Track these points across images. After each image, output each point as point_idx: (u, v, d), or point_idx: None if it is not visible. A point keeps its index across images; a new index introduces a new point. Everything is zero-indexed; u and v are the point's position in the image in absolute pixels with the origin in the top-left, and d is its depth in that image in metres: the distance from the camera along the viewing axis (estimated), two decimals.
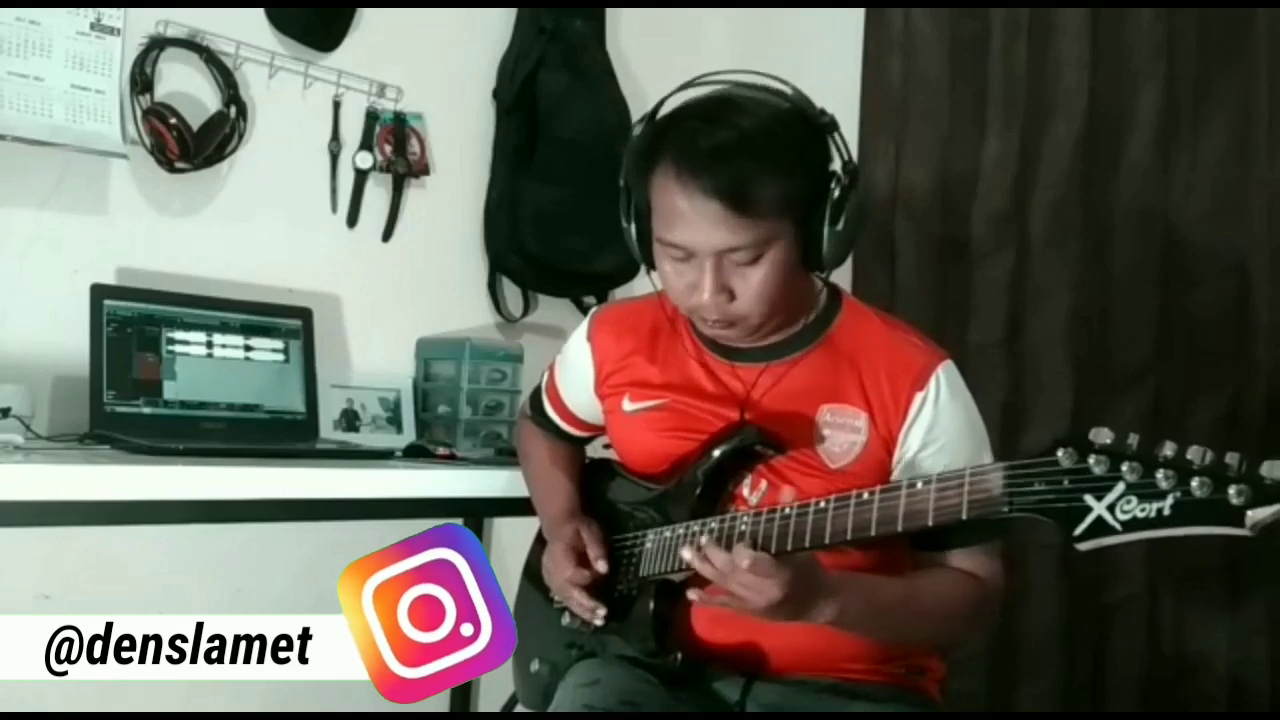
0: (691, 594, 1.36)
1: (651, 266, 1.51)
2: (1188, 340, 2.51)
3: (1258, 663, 2.46)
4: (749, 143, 1.35)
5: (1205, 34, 2.51)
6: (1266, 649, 2.45)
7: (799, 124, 1.40)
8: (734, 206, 1.34)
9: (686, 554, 1.32)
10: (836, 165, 1.42)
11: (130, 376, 1.95)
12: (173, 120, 2.06)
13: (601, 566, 1.51)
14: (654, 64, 2.65)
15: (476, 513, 2.38)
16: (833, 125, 1.41)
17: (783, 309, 1.46)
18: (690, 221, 1.37)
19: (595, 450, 1.77)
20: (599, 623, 1.51)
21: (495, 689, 2.50)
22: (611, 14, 2.65)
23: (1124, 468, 1.07)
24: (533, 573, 1.72)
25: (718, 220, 1.35)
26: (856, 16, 2.81)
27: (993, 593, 1.46)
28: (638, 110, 2.59)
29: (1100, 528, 1.08)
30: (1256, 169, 2.48)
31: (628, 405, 1.60)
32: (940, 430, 1.45)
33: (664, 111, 1.45)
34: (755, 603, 1.27)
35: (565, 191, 2.51)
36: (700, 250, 1.38)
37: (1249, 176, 2.48)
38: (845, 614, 1.32)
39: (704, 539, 1.34)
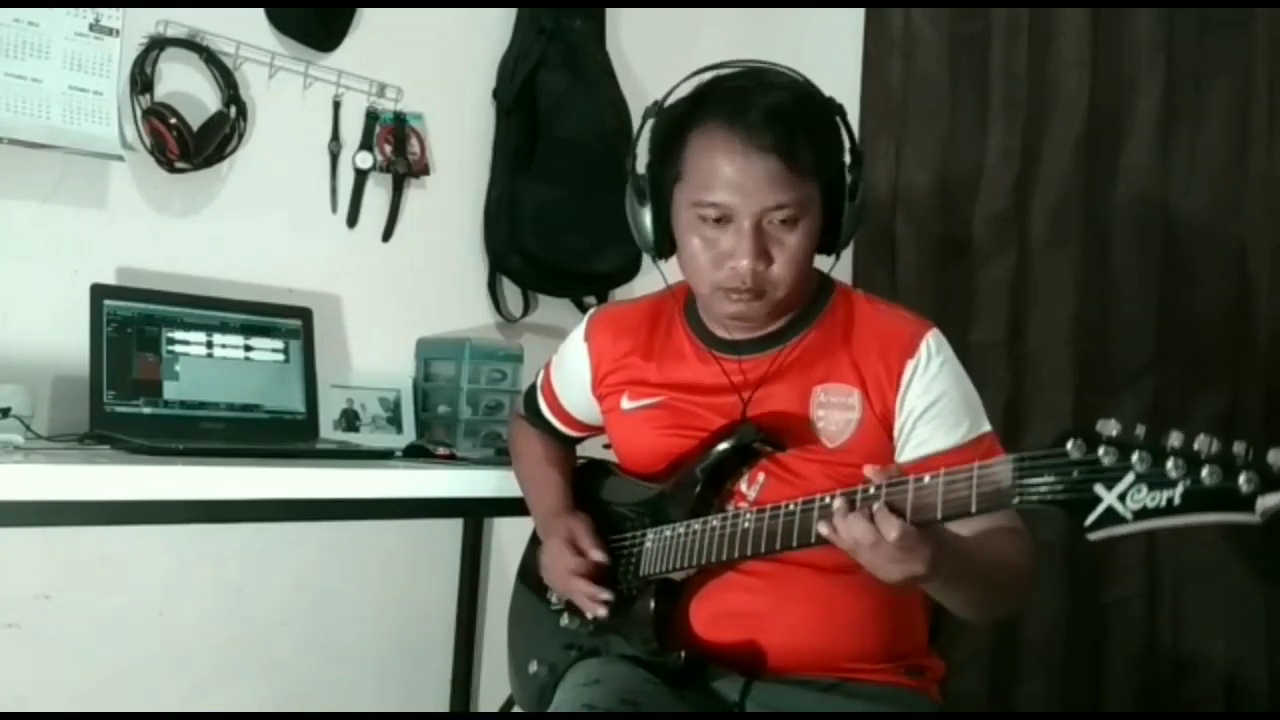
0: (822, 527, 1.26)
1: (661, 255, 1.52)
2: (1188, 339, 2.51)
3: (1256, 663, 2.45)
4: (799, 104, 1.42)
5: (1205, 34, 2.51)
6: (1265, 649, 2.45)
7: (821, 99, 1.48)
8: (788, 162, 1.38)
9: (824, 530, 1.26)
10: (847, 147, 1.49)
11: (130, 376, 1.95)
12: (173, 120, 2.06)
13: (596, 555, 1.51)
14: (654, 64, 2.65)
15: (476, 513, 2.39)
16: (842, 109, 1.49)
17: (801, 285, 1.48)
18: (739, 179, 1.39)
19: (595, 451, 1.77)
20: (602, 612, 1.50)
21: (494, 689, 2.51)
22: (611, 14, 2.65)
23: (1134, 458, 1.07)
24: (528, 574, 1.72)
25: (770, 176, 1.39)
26: (856, 16, 2.81)
27: (1032, 545, 1.45)
28: (638, 110, 2.58)
29: (1111, 517, 1.08)
30: (1256, 168, 2.47)
31: (626, 404, 1.60)
32: (935, 393, 1.46)
33: (685, 91, 1.48)
34: (890, 575, 1.23)
35: (565, 191, 2.51)
36: (744, 210, 1.40)
37: (1248, 175, 2.48)
38: (952, 576, 1.29)
39: (839, 503, 1.25)
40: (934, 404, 1.46)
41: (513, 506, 1.81)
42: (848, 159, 1.48)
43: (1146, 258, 2.54)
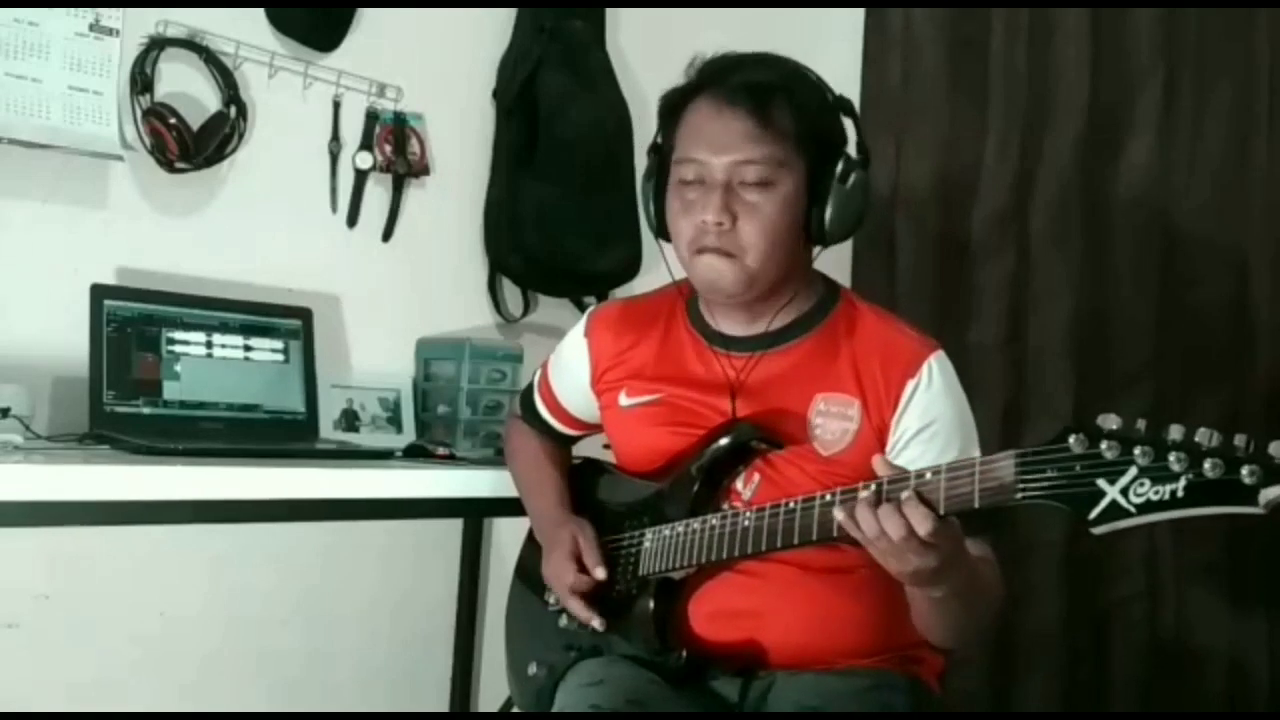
0: (839, 513, 1.27)
1: (662, 234, 1.55)
2: (1188, 339, 2.51)
3: (1258, 662, 2.45)
4: (783, 80, 1.49)
5: (1205, 34, 2.51)
6: (1266, 648, 2.45)
7: (823, 88, 1.52)
8: (761, 120, 1.43)
9: (840, 516, 1.26)
10: (851, 144, 1.51)
11: (130, 376, 1.95)
12: (173, 120, 2.06)
13: (600, 574, 1.51)
14: (654, 64, 2.64)
15: (475, 513, 2.39)
16: (850, 107, 1.53)
17: (776, 261, 1.48)
18: (712, 135, 1.45)
19: (595, 450, 1.77)
20: (598, 627, 1.51)
21: (494, 689, 2.51)
22: (611, 14, 2.65)
23: (1136, 451, 1.07)
24: (524, 575, 1.72)
25: (743, 132, 1.44)
26: (856, 16, 2.82)
27: (1001, 578, 1.46)
28: (638, 110, 2.60)
29: (1114, 511, 1.09)
30: (1256, 167, 2.47)
31: (624, 400, 1.61)
32: (931, 416, 1.46)
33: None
34: (905, 565, 1.23)
35: (565, 192, 2.51)
36: (715, 165, 1.45)
37: (1249, 175, 2.48)
38: (955, 589, 1.30)
39: (863, 493, 1.25)
40: (928, 426, 1.46)
41: (512, 506, 1.81)
42: (852, 152, 1.50)
43: (1146, 257, 2.54)
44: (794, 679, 1.47)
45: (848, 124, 1.54)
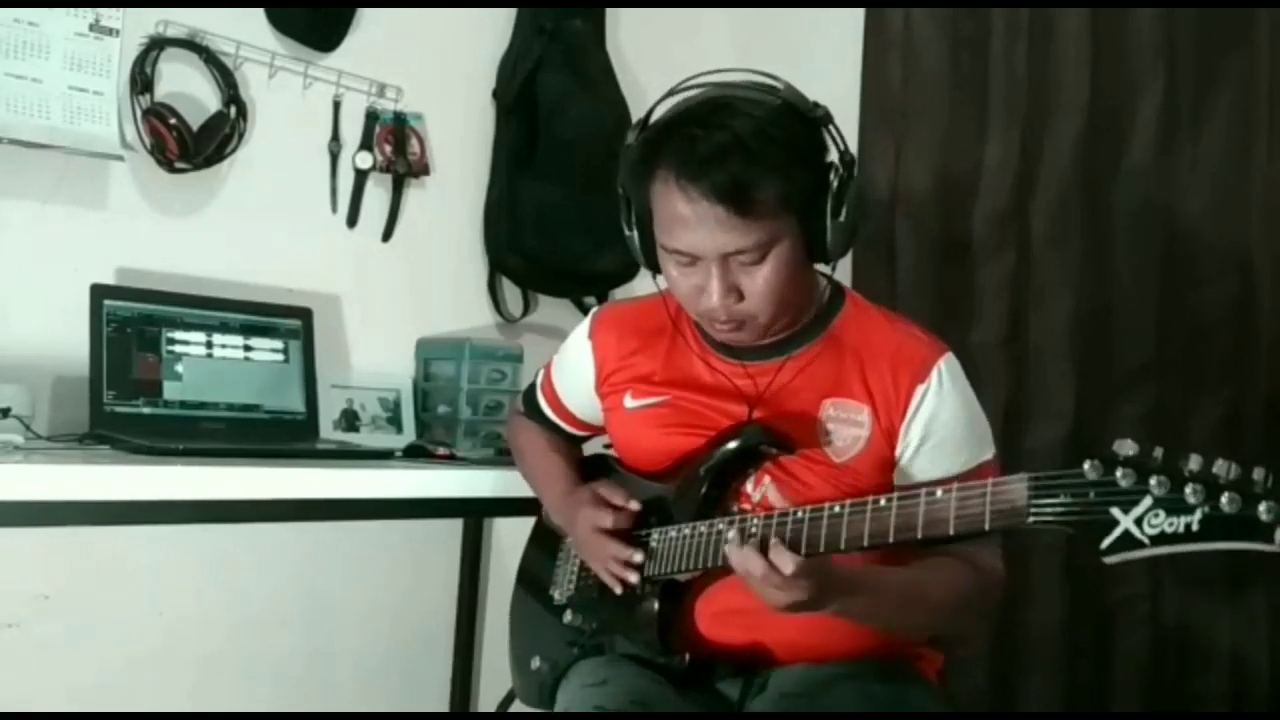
0: (730, 551, 1.31)
1: (656, 270, 1.51)
2: (1189, 340, 2.50)
3: (1259, 662, 2.45)
4: (746, 145, 1.35)
5: (1205, 34, 2.51)
6: (1268, 649, 2.45)
7: (793, 120, 1.40)
8: (736, 210, 1.35)
9: (733, 556, 1.30)
10: (834, 156, 1.42)
11: (130, 376, 1.95)
12: (172, 120, 2.06)
13: (635, 505, 1.51)
14: (654, 64, 2.65)
15: (476, 513, 2.39)
16: (826, 118, 1.42)
17: (791, 305, 1.47)
18: (693, 227, 1.37)
19: (596, 449, 1.76)
20: (634, 579, 1.49)
21: (494, 689, 2.51)
22: (611, 14, 2.65)
23: (1151, 481, 1.06)
24: (528, 573, 1.72)
25: (721, 224, 1.35)
26: (856, 16, 2.81)
27: (996, 582, 1.46)
28: (638, 110, 2.57)
29: (1127, 541, 1.07)
30: (1258, 168, 2.47)
31: (629, 402, 1.60)
32: (941, 422, 1.46)
33: (657, 117, 1.45)
34: (778, 601, 1.27)
35: (565, 192, 2.51)
36: (705, 254, 1.39)
37: (1250, 175, 2.47)
38: (853, 609, 1.34)
39: (732, 534, 1.34)
40: (938, 432, 1.46)
41: (513, 506, 1.81)
42: (836, 167, 1.41)
43: (1148, 258, 2.54)
44: (786, 672, 1.48)
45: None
